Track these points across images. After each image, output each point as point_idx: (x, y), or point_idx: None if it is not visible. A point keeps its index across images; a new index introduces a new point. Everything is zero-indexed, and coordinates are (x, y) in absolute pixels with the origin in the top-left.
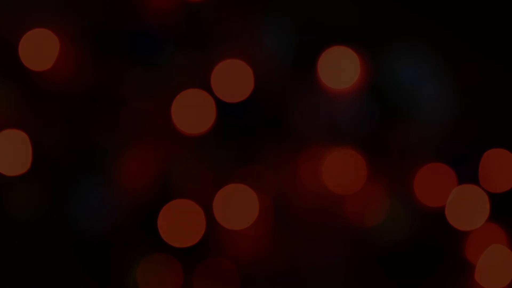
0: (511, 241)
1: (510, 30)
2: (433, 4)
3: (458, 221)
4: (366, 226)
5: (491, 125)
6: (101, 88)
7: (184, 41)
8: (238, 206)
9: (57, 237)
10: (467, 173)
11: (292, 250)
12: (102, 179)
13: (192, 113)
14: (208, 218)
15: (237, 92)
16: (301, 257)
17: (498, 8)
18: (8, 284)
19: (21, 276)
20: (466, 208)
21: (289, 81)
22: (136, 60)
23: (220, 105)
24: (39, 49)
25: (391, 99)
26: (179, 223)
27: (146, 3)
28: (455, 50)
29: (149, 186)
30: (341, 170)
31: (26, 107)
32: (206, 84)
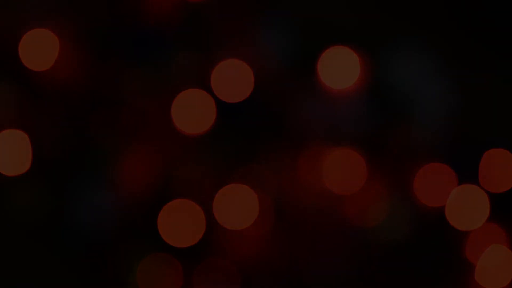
0: (511, 241)
1: (510, 29)
2: (434, 5)
3: (458, 221)
4: (366, 226)
5: (491, 125)
6: (101, 88)
7: (184, 41)
8: (238, 206)
9: (57, 237)
10: (467, 173)
11: (292, 250)
12: (102, 179)
13: (192, 113)
14: (208, 218)
15: (237, 92)
16: (301, 257)
17: (498, 8)
18: (8, 284)
19: (21, 276)
20: (466, 208)
21: (289, 81)
22: (136, 60)
23: (220, 105)
24: (39, 49)
25: (391, 99)
26: (179, 223)
27: (146, 3)
28: (455, 50)
29: (149, 186)
30: (341, 170)
31: (26, 107)
32: (206, 84)
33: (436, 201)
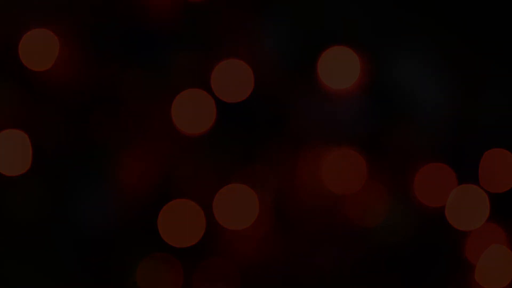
0: (511, 241)
1: (510, 29)
2: (434, 5)
3: (458, 221)
4: (366, 226)
5: (491, 125)
6: (101, 88)
7: (185, 41)
8: (238, 206)
9: (57, 237)
10: (467, 173)
11: (292, 250)
12: (102, 179)
13: (192, 113)
14: (208, 218)
15: (237, 92)
16: (301, 257)
17: (497, 9)
18: (8, 283)
19: (21, 275)
20: (466, 208)
21: (289, 81)
22: (136, 60)
23: (220, 105)
24: (39, 49)
25: (391, 99)
26: (179, 223)
27: (146, 3)
28: (455, 51)
29: (149, 186)
30: (341, 170)
31: (26, 107)
32: (206, 84)
33: (436, 201)
